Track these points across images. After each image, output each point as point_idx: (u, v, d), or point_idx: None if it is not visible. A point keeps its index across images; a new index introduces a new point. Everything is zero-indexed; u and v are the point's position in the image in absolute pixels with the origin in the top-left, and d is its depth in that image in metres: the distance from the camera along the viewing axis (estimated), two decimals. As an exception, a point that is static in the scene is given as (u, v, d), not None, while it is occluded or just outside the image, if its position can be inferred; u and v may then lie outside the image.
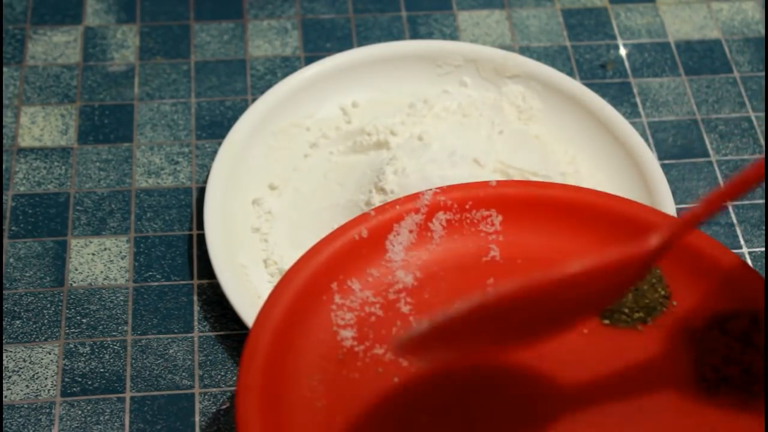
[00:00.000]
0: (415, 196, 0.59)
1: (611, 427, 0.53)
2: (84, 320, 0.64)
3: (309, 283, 0.55)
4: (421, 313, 0.56)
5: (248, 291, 0.63)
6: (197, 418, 0.60)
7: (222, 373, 0.62)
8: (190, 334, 0.64)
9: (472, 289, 0.56)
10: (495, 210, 0.59)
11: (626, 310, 0.56)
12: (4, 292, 0.65)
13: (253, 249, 0.66)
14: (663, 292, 0.57)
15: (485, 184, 0.60)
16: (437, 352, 0.49)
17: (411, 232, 0.58)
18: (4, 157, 0.71)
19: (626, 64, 0.78)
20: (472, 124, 0.70)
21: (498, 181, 0.60)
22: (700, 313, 0.56)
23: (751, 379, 0.54)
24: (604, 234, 0.58)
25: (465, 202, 0.59)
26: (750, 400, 0.53)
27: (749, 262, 0.69)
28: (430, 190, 0.59)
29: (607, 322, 0.56)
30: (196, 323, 0.64)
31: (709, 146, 0.74)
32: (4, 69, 0.75)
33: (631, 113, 0.75)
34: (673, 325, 0.56)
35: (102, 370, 0.62)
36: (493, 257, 0.58)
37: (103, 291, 0.65)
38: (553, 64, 0.78)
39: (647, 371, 0.55)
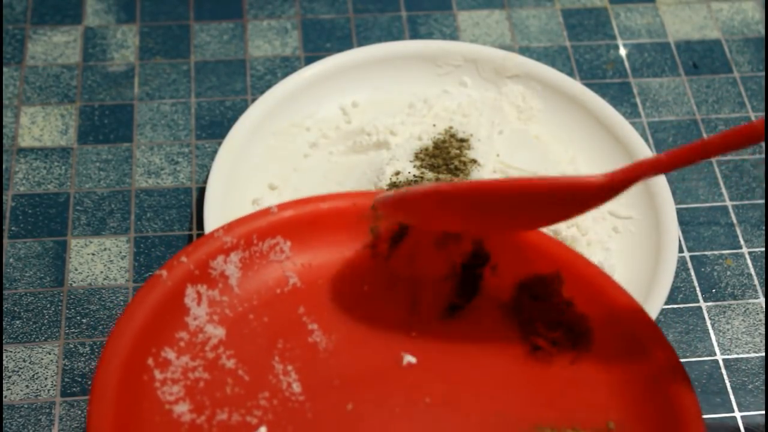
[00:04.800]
0: (200, 242, 0.56)
1: (474, 425, 0.53)
2: (84, 320, 0.64)
3: (125, 369, 0.51)
4: (245, 362, 0.54)
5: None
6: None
7: (222, 373, 0.62)
8: (190, 334, 0.64)
9: (286, 322, 0.56)
10: (281, 236, 0.57)
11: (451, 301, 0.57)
12: (4, 292, 0.65)
13: (253, 249, 0.66)
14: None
15: (266, 212, 0.58)
16: (405, 215, 0.56)
17: (208, 282, 0.56)
18: (4, 157, 0.71)
19: (626, 64, 0.78)
20: (472, 124, 0.70)
21: (278, 206, 0.58)
22: (505, 284, 0.57)
23: (576, 336, 0.56)
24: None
25: (251, 236, 0.57)
26: (580, 356, 0.55)
27: (749, 262, 0.69)
28: (213, 232, 0.57)
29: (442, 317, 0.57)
30: (196, 323, 0.64)
31: (709, 146, 0.74)
32: (4, 69, 0.75)
33: (631, 113, 0.75)
34: (486, 303, 0.57)
35: (102, 370, 0.62)
36: (294, 284, 0.57)
37: (103, 291, 0.65)
38: (553, 64, 0.78)
39: (486, 357, 0.56)
